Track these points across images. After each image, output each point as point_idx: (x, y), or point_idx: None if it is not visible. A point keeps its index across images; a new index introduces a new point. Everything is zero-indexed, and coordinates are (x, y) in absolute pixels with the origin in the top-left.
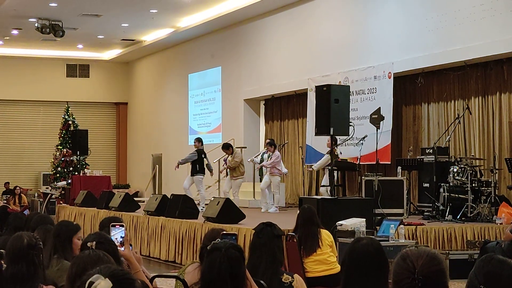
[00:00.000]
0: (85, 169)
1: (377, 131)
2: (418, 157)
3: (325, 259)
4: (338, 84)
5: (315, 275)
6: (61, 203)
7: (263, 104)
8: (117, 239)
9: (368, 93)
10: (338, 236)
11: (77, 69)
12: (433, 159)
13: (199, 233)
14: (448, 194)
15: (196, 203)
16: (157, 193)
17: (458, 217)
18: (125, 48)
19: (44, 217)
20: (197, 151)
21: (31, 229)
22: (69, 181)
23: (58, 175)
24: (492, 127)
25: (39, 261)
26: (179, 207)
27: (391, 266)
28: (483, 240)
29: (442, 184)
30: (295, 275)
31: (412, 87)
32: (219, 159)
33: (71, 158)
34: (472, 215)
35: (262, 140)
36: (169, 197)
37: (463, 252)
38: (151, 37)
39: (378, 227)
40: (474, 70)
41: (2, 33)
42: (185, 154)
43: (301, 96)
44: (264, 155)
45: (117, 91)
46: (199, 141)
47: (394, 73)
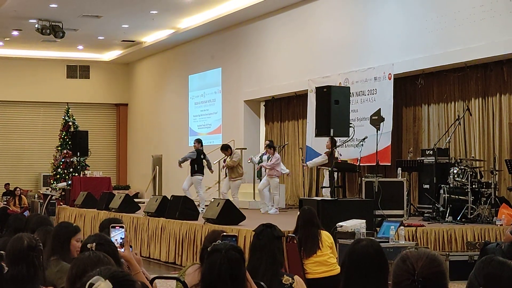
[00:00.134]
0: (85, 170)
1: (377, 132)
2: (418, 159)
3: (325, 260)
4: (338, 85)
5: (315, 277)
6: (61, 204)
7: (263, 105)
8: (117, 240)
9: (368, 94)
10: (338, 237)
11: (77, 70)
12: (433, 161)
13: (199, 234)
14: (448, 195)
15: (196, 204)
16: (157, 194)
17: (458, 219)
18: (125, 49)
19: (42, 218)
20: (196, 151)
21: (30, 230)
22: (69, 182)
23: (58, 176)
24: (492, 128)
25: (39, 263)
26: (179, 208)
27: (391, 267)
28: (483, 241)
29: (442, 185)
30: (295, 277)
31: (412, 88)
32: (219, 160)
33: (71, 159)
34: (472, 216)
35: (262, 141)
36: (169, 198)
37: (463, 253)
38: (151, 38)
39: (378, 229)
40: (474, 71)
41: (2, 34)
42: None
43: (301, 97)
44: (263, 156)
45: (118, 92)
46: (198, 142)
47: (394, 74)
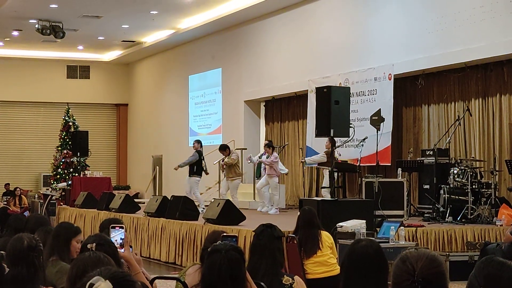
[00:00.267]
0: (86, 171)
1: (377, 132)
2: (418, 159)
3: (326, 260)
4: (338, 85)
5: (315, 277)
6: (62, 205)
7: (264, 105)
8: (117, 240)
9: (368, 95)
10: (338, 237)
11: (78, 70)
12: (434, 161)
13: (199, 234)
14: (448, 195)
15: (196, 204)
16: (157, 194)
17: (458, 219)
18: (125, 49)
19: (40, 218)
20: (197, 152)
21: (30, 230)
22: (69, 183)
23: (58, 176)
24: (492, 128)
25: (39, 263)
26: (179, 208)
27: (391, 268)
28: (483, 241)
29: (442, 185)
30: (296, 277)
31: (412, 89)
32: (219, 161)
33: (72, 159)
34: (472, 216)
35: (262, 141)
36: (169, 199)
37: (463, 253)
38: (151, 38)
39: (378, 229)
40: (474, 71)
41: (2, 34)
42: (185, 155)
43: (302, 97)
44: (262, 156)
45: (118, 92)
46: (198, 142)
47: (394, 75)
